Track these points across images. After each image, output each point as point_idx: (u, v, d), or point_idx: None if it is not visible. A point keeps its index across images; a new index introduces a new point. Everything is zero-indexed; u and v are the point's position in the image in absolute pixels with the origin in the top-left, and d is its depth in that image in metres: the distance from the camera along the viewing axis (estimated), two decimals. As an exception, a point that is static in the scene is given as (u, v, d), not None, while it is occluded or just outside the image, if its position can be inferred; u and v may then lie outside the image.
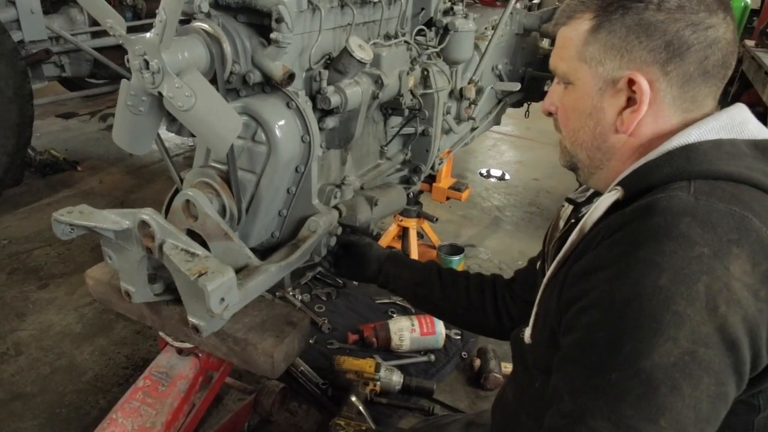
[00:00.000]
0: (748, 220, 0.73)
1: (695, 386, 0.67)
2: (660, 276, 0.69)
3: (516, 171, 4.58)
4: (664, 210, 0.74)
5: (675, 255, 0.70)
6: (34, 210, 3.56)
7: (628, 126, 0.88)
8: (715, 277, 0.69)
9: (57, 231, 1.27)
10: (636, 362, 0.68)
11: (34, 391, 2.14)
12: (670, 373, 0.67)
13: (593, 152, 0.95)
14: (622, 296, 0.71)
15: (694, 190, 0.77)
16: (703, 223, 0.72)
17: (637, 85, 0.85)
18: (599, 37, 0.88)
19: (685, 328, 0.67)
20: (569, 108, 0.95)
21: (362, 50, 1.40)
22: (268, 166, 1.34)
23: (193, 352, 1.60)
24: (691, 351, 0.67)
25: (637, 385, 0.68)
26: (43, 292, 2.75)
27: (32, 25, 3.61)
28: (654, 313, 0.69)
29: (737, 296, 0.69)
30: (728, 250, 0.70)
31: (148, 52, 1.09)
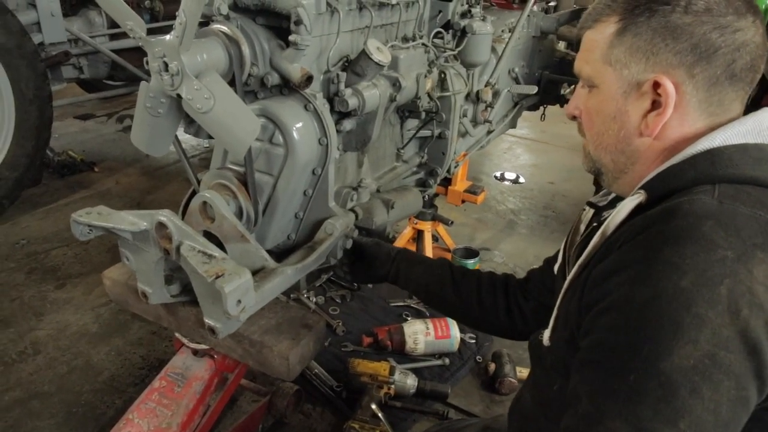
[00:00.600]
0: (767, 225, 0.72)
1: (715, 389, 0.66)
2: (681, 278, 0.69)
3: (531, 174, 4.55)
4: (686, 213, 0.74)
5: (697, 257, 0.69)
6: (52, 210, 3.60)
7: (653, 129, 0.87)
8: (738, 281, 0.68)
9: (75, 232, 1.28)
10: (655, 364, 0.68)
11: (52, 390, 2.16)
12: (690, 375, 0.66)
13: (617, 156, 0.94)
14: (642, 298, 0.71)
15: (718, 193, 0.76)
16: (727, 226, 0.71)
17: (663, 87, 0.84)
18: (625, 39, 0.87)
19: (706, 330, 0.67)
20: (593, 111, 0.95)
21: (380, 53, 1.40)
22: (285, 168, 1.34)
23: (209, 354, 1.60)
24: (712, 354, 0.66)
25: (656, 387, 0.67)
26: (61, 292, 2.77)
27: (52, 27, 3.65)
28: (674, 315, 0.68)
29: (760, 300, 0.68)
30: (752, 254, 0.70)
31: (168, 55, 1.09)
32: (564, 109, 1.05)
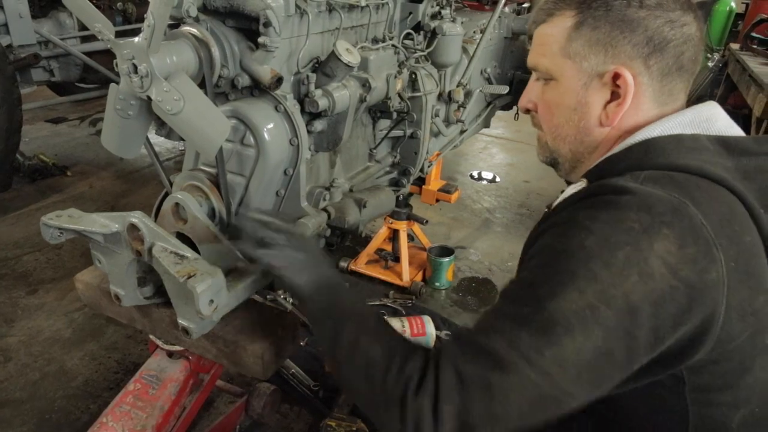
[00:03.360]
0: (684, 206, 0.77)
1: (587, 336, 0.73)
2: (587, 238, 0.77)
3: (506, 173, 4.61)
4: (610, 188, 0.82)
5: (606, 225, 0.77)
6: (23, 215, 3.54)
7: (612, 119, 0.92)
8: (637, 249, 0.75)
9: (45, 235, 1.27)
10: (545, 302, 0.76)
11: (24, 397, 2.13)
12: (569, 317, 0.74)
13: (576, 146, 0.98)
14: (554, 249, 0.80)
15: (642, 178, 0.82)
16: (641, 203, 0.77)
17: (623, 78, 0.89)
18: (583, 32, 0.91)
19: (595, 285, 0.74)
20: (552, 103, 0.98)
21: (350, 54, 1.42)
22: (257, 168, 1.35)
23: (184, 355, 1.60)
24: (594, 306, 0.74)
25: (539, 320, 0.75)
26: (33, 297, 2.74)
27: (21, 29, 3.60)
28: (572, 267, 0.76)
29: (652, 270, 0.74)
30: (658, 229, 0.75)
31: (137, 57, 1.09)
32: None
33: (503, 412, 0.75)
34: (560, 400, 0.76)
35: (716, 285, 0.76)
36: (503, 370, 0.75)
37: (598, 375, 0.76)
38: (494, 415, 0.75)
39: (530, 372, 0.74)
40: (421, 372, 0.82)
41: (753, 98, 4.17)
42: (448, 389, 0.77)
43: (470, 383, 0.76)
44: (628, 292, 0.74)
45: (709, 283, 0.76)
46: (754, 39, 4.71)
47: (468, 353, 0.79)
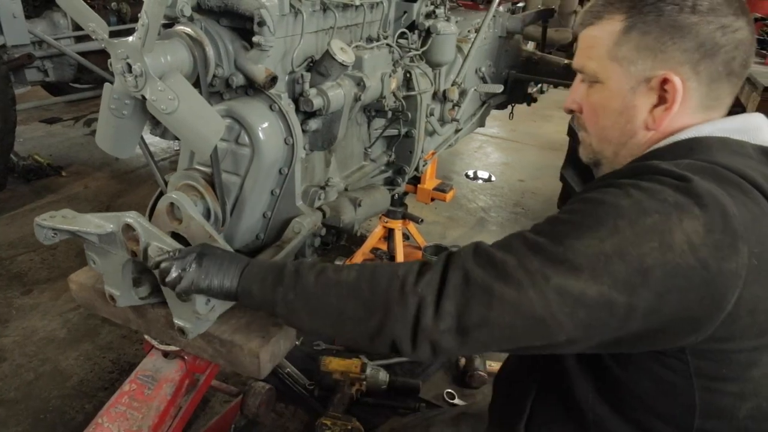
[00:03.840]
0: (721, 197, 0.78)
1: (594, 279, 0.76)
2: (623, 199, 0.80)
3: (502, 172, 4.62)
4: (654, 167, 0.84)
5: (644, 192, 0.79)
6: (18, 216, 3.53)
7: (659, 123, 0.93)
8: (665, 220, 0.76)
9: (39, 236, 1.27)
10: (564, 238, 0.80)
11: (18, 397, 2.13)
12: (581, 259, 0.77)
13: (620, 148, 0.99)
14: (590, 200, 0.83)
15: (684, 165, 0.83)
16: (680, 184, 0.79)
17: (671, 84, 0.89)
18: (632, 37, 0.91)
19: (616, 238, 0.77)
20: (598, 106, 0.99)
21: (344, 53, 1.42)
22: (252, 168, 1.35)
23: (179, 355, 1.60)
24: (609, 255, 0.76)
25: (555, 252, 0.79)
26: (27, 298, 2.73)
27: (14, 29, 3.58)
28: (600, 216, 0.79)
29: (674, 243, 0.76)
30: (690, 208, 0.77)
31: (131, 56, 1.09)
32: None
33: (497, 322, 0.80)
34: (550, 328, 0.78)
35: (732, 276, 0.77)
36: (507, 282, 0.79)
37: (593, 319, 0.78)
38: (489, 322, 0.80)
39: (531, 291, 0.78)
40: (419, 268, 0.86)
41: (746, 97, 4.19)
42: (453, 287, 0.82)
43: (474, 285, 0.81)
44: (645, 254, 0.76)
45: (725, 272, 0.76)
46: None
47: (480, 260, 0.83)
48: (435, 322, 0.82)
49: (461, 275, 0.83)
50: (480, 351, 0.86)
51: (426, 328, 0.83)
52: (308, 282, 0.96)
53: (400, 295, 0.86)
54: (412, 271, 0.88)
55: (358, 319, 0.91)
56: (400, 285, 0.86)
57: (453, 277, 0.83)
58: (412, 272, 0.87)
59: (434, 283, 0.84)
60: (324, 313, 0.95)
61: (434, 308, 0.83)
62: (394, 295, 0.86)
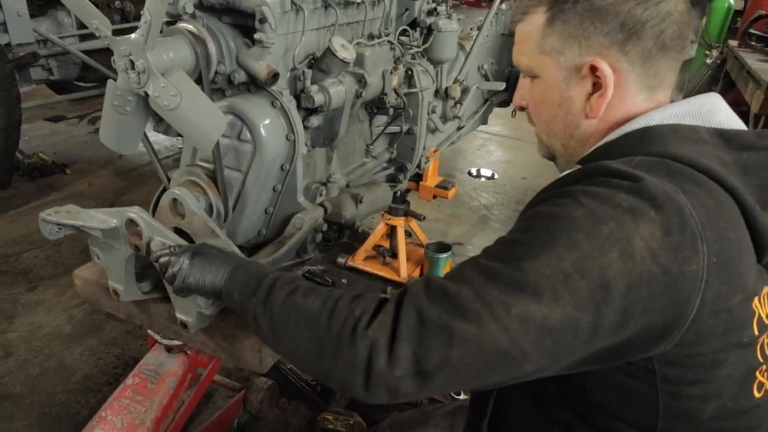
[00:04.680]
0: (675, 194, 0.76)
1: (555, 301, 0.73)
2: (576, 209, 0.76)
3: (504, 170, 4.63)
4: (603, 170, 0.81)
5: (596, 199, 0.77)
6: (23, 213, 3.56)
7: (597, 110, 0.91)
8: (622, 227, 0.74)
9: (44, 231, 1.28)
10: (520, 261, 0.76)
11: (24, 391, 2.15)
12: (540, 281, 0.73)
13: (567, 140, 0.98)
14: (542, 215, 0.80)
15: (636, 163, 0.81)
16: (632, 185, 0.77)
17: (600, 70, 0.88)
18: (555, 28, 0.91)
19: (575, 254, 0.73)
20: (539, 100, 0.98)
21: (345, 50, 1.43)
22: (254, 164, 1.36)
23: (182, 350, 1.61)
24: (568, 274, 0.73)
25: (511, 277, 0.75)
26: (32, 294, 2.75)
27: (19, 28, 3.61)
28: (555, 232, 0.76)
29: (633, 251, 0.73)
30: (645, 211, 0.74)
31: (134, 53, 1.11)
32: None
33: (460, 362, 0.75)
34: (516, 361, 0.75)
35: (694, 278, 0.75)
36: (466, 318, 0.74)
37: (559, 344, 0.74)
38: (450, 363, 0.75)
39: (492, 325, 0.73)
40: (375, 308, 0.81)
41: (751, 95, 4.18)
42: (406, 328, 0.77)
43: (430, 325, 0.76)
44: (605, 267, 0.73)
45: (687, 275, 0.74)
46: (753, 36, 4.72)
47: (433, 297, 0.78)
48: (389, 367, 0.76)
49: (415, 315, 0.77)
50: (443, 392, 0.81)
51: (380, 374, 0.77)
52: (276, 300, 0.92)
53: (351, 337, 0.80)
54: (368, 311, 0.82)
55: (311, 356, 0.86)
56: (353, 326, 0.81)
57: (406, 317, 0.78)
58: (368, 312, 0.82)
59: (386, 326, 0.78)
60: (282, 338, 0.91)
61: (387, 353, 0.77)
62: (346, 337, 0.81)
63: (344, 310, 0.84)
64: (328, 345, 0.83)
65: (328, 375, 0.84)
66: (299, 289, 0.92)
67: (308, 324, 0.86)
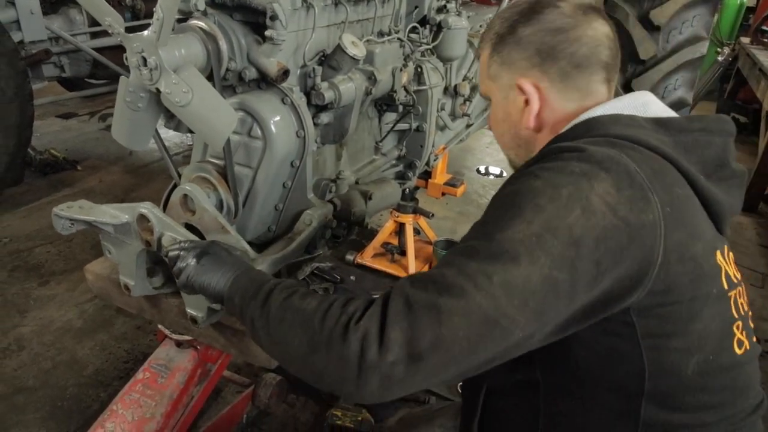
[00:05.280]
0: (620, 157, 0.86)
1: (532, 262, 0.78)
2: (535, 181, 0.85)
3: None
4: (554, 149, 0.93)
5: (552, 170, 0.86)
6: (35, 209, 3.59)
7: (527, 121, 1.05)
8: (578, 188, 0.82)
9: (57, 226, 1.29)
10: (493, 234, 0.82)
11: (36, 385, 2.17)
12: (516, 245, 0.79)
13: (517, 149, 1.14)
14: (505, 194, 0.88)
15: (584, 141, 0.91)
16: (582, 155, 0.87)
17: (524, 88, 1.04)
18: (494, 58, 1.09)
19: (542, 216, 0.81)
20: (493, 119, 1.16)
21: (355, 47, 1.44)
22: (264, 160, 1.37)
23: (192, 345, 1.63)
24: (539, 234, 0.79)
25: (487, 249, 0.81)
26: (44, 289, 2.78)
27: (32, 25, 3.64)
28: (520, 203, 0.84)
29: (594, 207, 0.81)
30: (596, 173, 0.84)
31: (146, 50, 1.12)
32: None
33: (451, 337, 0.77)
34: (506, 328, 0.78)
35: (653, 225, 0.83)
36: (450, 293, 0.78)
37: (543, 304, 0.79)
38: (442, 341, 0.77)
39: (477, 295, 0.77)
40: (365, 305, 0.84)
41: (763, 93, 4.15)
42: (394, 313, 0.79)
43: (418, 307, 0.79)
44: (572, 225, 0.80)
45: (646, 223, 0.82)
46: (765, 33, 4.67)
47: (418, 283, 0.83)
48: (381, 354, 0.77)
49: (402, 301, 0.80)
50: (436, 378, 0.80)
51: (372, 362, 0.78)
52: (274, 303, 0.94)
53: (344, 331, 0.82)
54: (359, 308, 0.84)
55: (303, 354, 0.87)
56: (345, 322, 0.83)
57: (394, 304, 0.80)
58: (359, 309, 0.84)
59: (376, 315, 0.81)
60: (277, 339, 0.92)
61: (378, 340, 0.78)
62: (338, 332, 0.82)
63: (338, 309, 0.86)
64: (320, 342, 0.84)
65: (320, 374, 0.85)
66: (297, 293, 0.94)
67: (302, 323, 0.88)
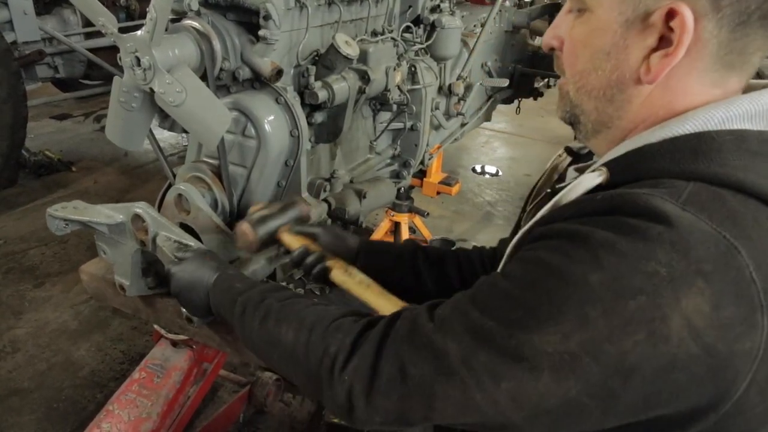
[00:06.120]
0: (734, 253, 0.58)
1: (557, 381, 0.60)
2: (594, 272, 0.59)
3: (508, 167, 4.63)
4: (640, 209, 0.61)
5: (623, 260, 0.59)
6: (29, 210, 3.58)
7: (656, 74, 0.67)
8: (656, 304, 0.57)
9: (51, 226, 1.29)
10: (516, 329, 0.62)
11: (32, 386, 2.17)
12: (539, 357, 0.60)
13: (603, 104, 0.74)
14: (550, 269, 0.63)
15: (686, 196, 0.61)
16: (677, 240, 0.58)
17: (679, 18, 0.63)
18: None
19: (585, 333, 0.58)
20: (580, 43, 0.73)
21: (348, 46, 1.44)
22: (258, 159, 1.37)
23: (188, 344, 1.63)
24: (575, 355, 0.59)
25: (504, 347, 0.63)
26: (39, 290, 2.78)
27: (25, 26, 3.63)
28: (563, 302, 0.60)
29: (669, 332, 0.57)
30: (691, 281, 0.57)
31: (139, 49, 1.12)
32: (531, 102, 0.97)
33: (441, 418, 0.69)
34: (506, 427, 0.66)
35: (747, 356, 0.59)
36: (449, 380, 0.66)
37: (559, 423, 0.63)
38: (432, 419, 0.71)
39: (477, 396, 0.64)
40: (351, 345, 0.76)
41: None
42: (387, 381, 0.70)
43: (413, 382, 0.68)
44: (627, 352, 0.57)
45: (738, 354, 0.58)
46: None
47: (417, 346, 0.70)
48: (369, 414, 0.73)
49: (397, 367, 0.70)
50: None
51: (361, 416, 0.74)
52: (252, 331, 0.92)
53: (329, 377, 0.76)
54: (344, 349, 0.76)
55: (302, 386, 0.86)
56: (330, 365, 0.76)
57: (386, 367, 0.71)
58: (343, 350, 0.76)
59: (363, 372, 0.72)
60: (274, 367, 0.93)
61: (365, 401, 0.72)
62: (324, 377, 0.76)
63: (319, 345, 0.79)
64: (310, 382, 0.80)
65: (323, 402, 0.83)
66: (270, 316, 0.89)
67: (288, 360, 0.84)
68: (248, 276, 1.15)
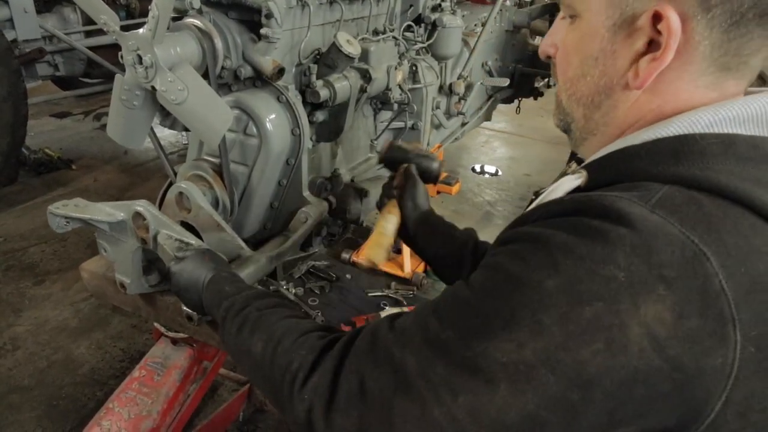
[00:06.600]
0: (701, 260, 0.54)
1: (513, 394, 0.57)
2: (550, 278, 0.56)
3: (508, 167, 4.63)
4: (602, 209, 0.58)
5: (580, 264, 0.56)
6: (29, 208, 3.58)
7: (644, 79, 0.65)
8: (613, 310, 0.54)
9: (52, 224, 1.29)
10: (472, 338, 0.60)
11: (32, 384, 2.17)
12: (494, 368, 0.57)
13: (591, 111, 0.73)
14: (506, 275, 0.60)
15: (658, 198, 0.58)
16: (639, 242, 0.55)
17: (665, 21, 0.60)
18: None
19: (540, 342, 0.55)
20: (572, 49, 0.72)
21: (350, 45, 1.44)
22: (260, 158, 1.38)
23: (188, 343, 1.63)
24: (531, 365, 0.56)
25: (459, 355, 0.60)
26: (39, 288, 2.77)
27: (25, 24, 3.63)
28: (517, 310, 0.57)
29: (627, 341, 0.53)
30: (652, 286, 0.54)
31: (141, 48, 1.12)
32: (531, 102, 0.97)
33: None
34: None
35: (718, 373, 0.55)
36: (408, 395, 0.63)
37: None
38: None
39: (436, 410, 0.60)
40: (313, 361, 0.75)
41: None
42: (347, 397, 0.68)
43: (371, 397, 0.66)
44: (584, 362, 0.54)
45: (708, 370, 0.54)
46: None
47: (377, 360, 0.67)
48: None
49: (357, 382, 0.68)
50: None
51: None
52: (230, 337, 0.92)
53: (289, 393, 0.75)
54: (305, 366, 0.74)
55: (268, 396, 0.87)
56: (290, 381, 0.75)
57: (346, 383, 0.69)
58: (304, 368, 0.74)
59: (323, 390, 0.70)
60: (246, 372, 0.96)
61: (324, 420, 0.70)
62: (285, 392, 0.76)
63: (283, 359, 0.78)
64: (274, 396, 0.80)
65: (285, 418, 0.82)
66: (246, 325, 0.89)
67: (257, 371, 0.84)
68: (242, 278, 1.15)
